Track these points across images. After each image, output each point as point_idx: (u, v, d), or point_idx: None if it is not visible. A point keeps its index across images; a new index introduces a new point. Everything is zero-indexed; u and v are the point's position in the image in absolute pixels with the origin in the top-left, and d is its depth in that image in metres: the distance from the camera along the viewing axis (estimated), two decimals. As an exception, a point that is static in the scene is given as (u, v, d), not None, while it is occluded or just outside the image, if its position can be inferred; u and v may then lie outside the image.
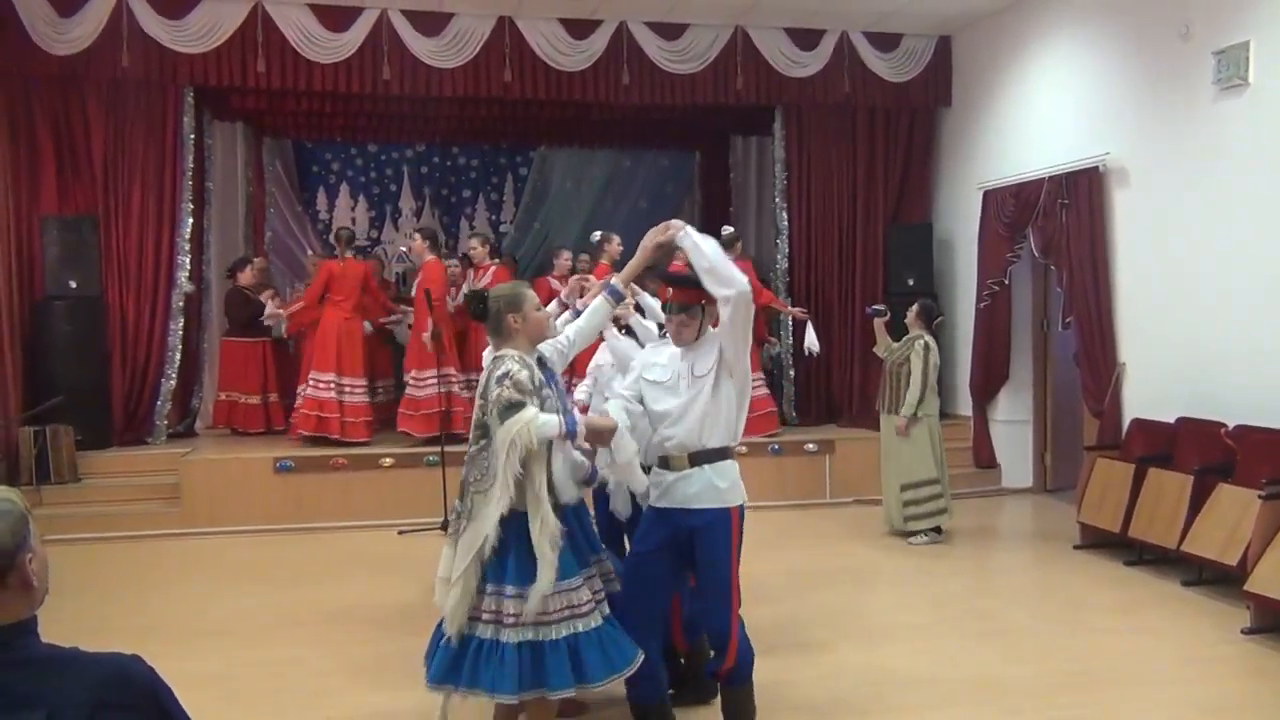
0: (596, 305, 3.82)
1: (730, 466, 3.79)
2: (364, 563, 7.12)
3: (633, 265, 3.86)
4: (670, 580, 3.91)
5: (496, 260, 9.71)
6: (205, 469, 8.30)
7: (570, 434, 3.43)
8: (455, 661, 3.52)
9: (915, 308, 7.58)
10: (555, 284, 9.05)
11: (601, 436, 3.54)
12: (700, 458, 3.74)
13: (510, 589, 3.48)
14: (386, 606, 6.03)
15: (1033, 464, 9.44)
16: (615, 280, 3.83)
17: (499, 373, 3.48)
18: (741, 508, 3.81)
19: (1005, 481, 9.43)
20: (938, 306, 7.88)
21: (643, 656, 3.66)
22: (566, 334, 3.80)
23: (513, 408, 3.39)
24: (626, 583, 3.84)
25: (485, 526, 3.45)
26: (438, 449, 8.03)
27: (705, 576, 3.83)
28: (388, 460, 8.45)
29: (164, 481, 8.28)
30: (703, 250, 3.62)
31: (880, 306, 7.79)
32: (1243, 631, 5.44)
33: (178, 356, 9.05)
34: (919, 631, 5.55)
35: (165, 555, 7.45)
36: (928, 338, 7.39)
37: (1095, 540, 7.18)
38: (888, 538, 7.61)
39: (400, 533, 7.82)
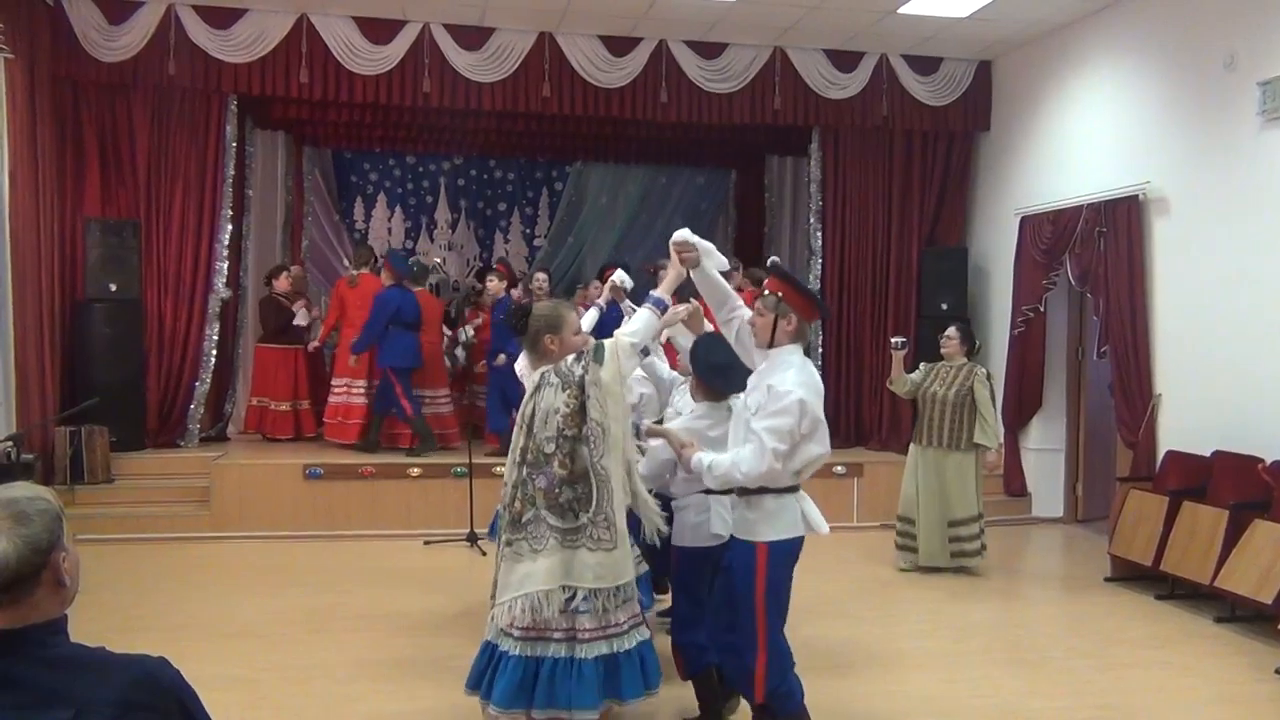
0: (645, 316, 3.84)
1: (763, 500, 3.73)
2: (389, 571, 7.14)
3: (671, 279, 3.95)
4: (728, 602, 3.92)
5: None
6: (236, 473, 8.37)
7: (659, 305, 3.80)
8: (523, 684, 3.53)
9: (956, 334, 7.23)
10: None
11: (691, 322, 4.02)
12: (744, 490, 3.75)
13: (583, 605, 3.54)
14: (411, 614, 6.06)
15: (1064, 494, 9.34)
16: (657, 292, 3.90)
17: (555, 381, 3.64)
18: (776, 545, 3.73)
19: (1036, 511, 9.33)
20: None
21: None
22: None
23: (596, 349, 3.63)
24: (716, 590, 3.96)
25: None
26: (465, 460, 8.06)
27: (732, 607, 3.82)
28: (415, 470, 8.49)
29: (195, 485, 8.36)
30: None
31: (904, 339, 7.32)
32: (1276, 671, 5.34)
33: (212, 361, 9.15)
34: (945, 660, 5.49)
35: (195, 557, 7.51)
36: (979, 366, 7.20)
37: (1126, 573, 7.09)
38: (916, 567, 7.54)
39: (426, 543, 7.85)
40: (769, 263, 4.36)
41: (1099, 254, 8.13)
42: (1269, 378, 6.65)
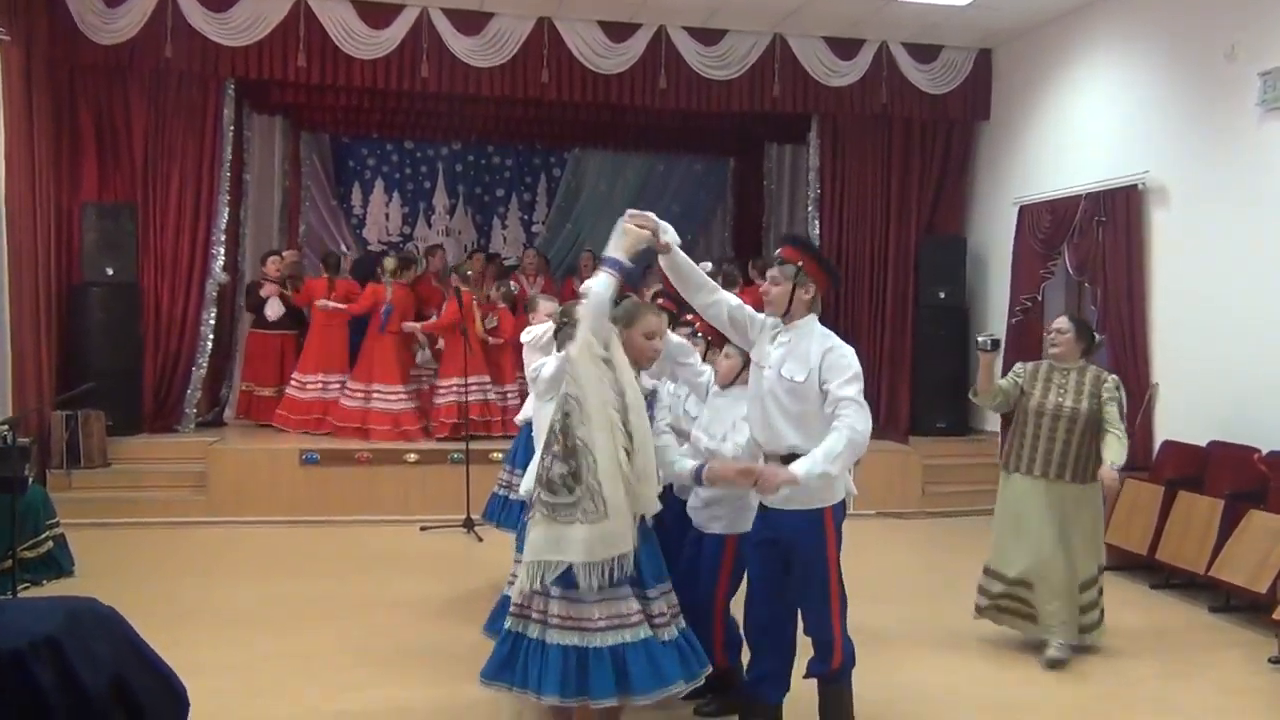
0: (599, 279, 3.59)
1: None
2: (386, 557, 7.15)
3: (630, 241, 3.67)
4: (778, 576, 3.90)
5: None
6: (232, 458, 8.37)
7: (615, 266, 3.55)
8: (508, 660, 3.56)
9: (1069, 327, 5.34)
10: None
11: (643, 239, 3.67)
12: (791, 460, 3.71)
13: (556, 589, 3.51)
14: (409, 601, 6.07)
15: (1060, 483, 9.33)
16: (612, 252, 3.64)
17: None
18: (837, 506, 3.79)
19: (1032, 499, 9.33)
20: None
21: (708, 670, 3.70)
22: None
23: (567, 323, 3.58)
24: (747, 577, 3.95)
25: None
26: (462, 446, 8.07)
27: (802, 579, 3.83)
28: (412, 456, 8.49)
29: (191, 469, 8.36)
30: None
31: (995, 337, 5.41)
32: (1270, 660, 5.36)
33: (209, 346, 9.13)
34: (938, 650, 5.50)
35: (190, 543, 7.51)
36: (1105, 371, 5.41)
37: (1121, 562, 7.09)
38: (918, 556, 7.53)
39: (423, 529, 7.85)
40: (784, 236, 4.33)
41: (1097, 244, 8.13)
42: (1266, 368, 6.66)
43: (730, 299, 3.95)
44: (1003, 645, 5.57)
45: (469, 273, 9.22)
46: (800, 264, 3.81)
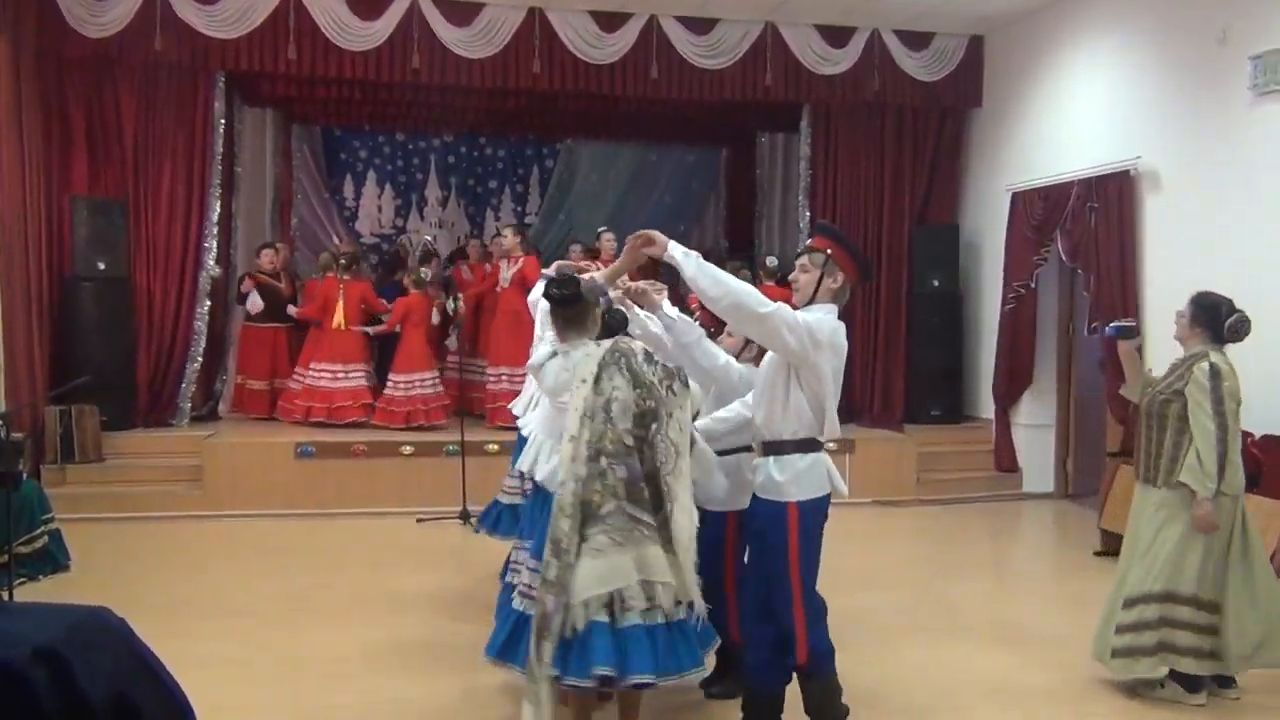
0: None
1: (793, 460, 3.76)
2: (382, 550, 7.15)
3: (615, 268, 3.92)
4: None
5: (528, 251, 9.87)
6: (227, 452, 8.36)
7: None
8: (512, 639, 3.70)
9: (1188, 306, 4.68)
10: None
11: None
12: (769, 448, 3.77)
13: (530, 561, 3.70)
14: (405, 593, 6.07)
15: (1054, 469, 9.38)
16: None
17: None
18: (805, 504, 3.76)
19: (1026, 486, 9.37)
20: (1230, 304, 4.67)
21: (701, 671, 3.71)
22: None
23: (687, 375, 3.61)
24: (747, 566, 3.95)
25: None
26: (457, 439, 8.07)
27: (765, 569, 3.83)
28: (408, 448, 8.49)
29: (186, 463, 8.34)
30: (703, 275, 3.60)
31: (1129, 323, 4.92)
32: (1264, 643, 5.38)
33: (202, 339, 9.11)
34: (935, 636, 5.52)
35: (186, 537, 7.51)
36: (1213, 355, 4.58)
37: (1116, 547, 6.98)
38: (913, 543, 7.53)
39: (419, 521, 7.85)
40: (817, 225, 4.37)
41: (1090, 230, 8.14)
42: (1257, 352, 6.60)
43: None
44: (993, 632, 5.59)
45: (342, 259, 9.61)
46: (829, 252, 3.81)
